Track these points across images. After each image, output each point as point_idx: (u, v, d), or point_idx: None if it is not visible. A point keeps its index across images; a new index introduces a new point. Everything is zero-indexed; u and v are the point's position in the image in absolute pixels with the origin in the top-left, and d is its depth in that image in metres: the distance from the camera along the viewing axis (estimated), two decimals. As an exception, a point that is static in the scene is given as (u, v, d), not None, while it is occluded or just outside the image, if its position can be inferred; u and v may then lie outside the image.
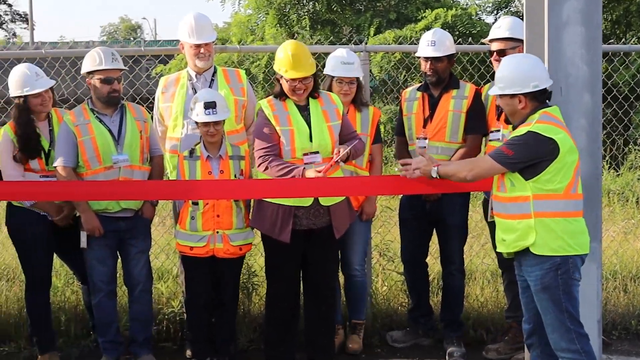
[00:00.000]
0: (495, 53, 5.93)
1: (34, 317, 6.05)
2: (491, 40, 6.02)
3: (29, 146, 5.75)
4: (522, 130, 4.46)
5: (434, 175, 4.79)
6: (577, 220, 4.50)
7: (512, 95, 4.52)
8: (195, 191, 5.60)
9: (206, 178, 5.66)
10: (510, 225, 4.54)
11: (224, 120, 5.66)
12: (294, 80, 5.44)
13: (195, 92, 5.89)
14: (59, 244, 5.95)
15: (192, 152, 5.73)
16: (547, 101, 4.58)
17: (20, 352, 6.32)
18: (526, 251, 4.48)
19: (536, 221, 4.41)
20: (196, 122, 5.66)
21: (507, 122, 4.77)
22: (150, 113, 6.13)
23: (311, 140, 5.45)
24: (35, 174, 5.80)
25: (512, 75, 4.54)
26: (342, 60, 6.06)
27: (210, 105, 5.55)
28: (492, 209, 4.87)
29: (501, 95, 4.59)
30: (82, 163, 5.71)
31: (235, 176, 5.71)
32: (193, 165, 5.69)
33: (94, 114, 5.78)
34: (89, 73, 5.77)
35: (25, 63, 5.97)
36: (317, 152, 5.45)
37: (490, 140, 6.02)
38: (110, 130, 5.76)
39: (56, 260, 6.27)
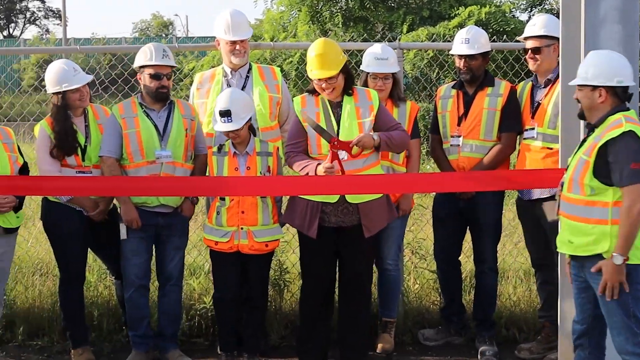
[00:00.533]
0: (530, 51, 5.91)
1: (67, 311, 6.10)
2: (526, 38, 5.98)
3: (66, 142, 5.79)
4: (616, 131, 4.31)
5: (617, 262, 4.30)
6: None
7: (594, 88, 4.42)
8: (223, 188, 5.65)
9: (233, 174, 5.69)
10: (582, 228, 4.45)
11: (245, 125, 5.65)
12: (319, 80, 5.48)
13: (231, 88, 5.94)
14: (94, 238, 6.00)
15: (220, 147, 5.76)
16: (626, 102, 4.49)
17: (53, 346, 6.39)
18: (595, 256, 4.39)
19: (613, 228, 4.32)
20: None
21: (580, 117, 4.64)
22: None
23: (338, 137, 5.44)
24: (72, 170, 5.84)
25: (597, 67, 4.43)
26: (375, 56, 6.06)
27: (225, 114, 5.57)
28: (558, 207, 4.74)
29: (581, 87, 4.47)
30: (126, 156, 5.77)
31: (261, 173, 5.72)
32: (221, 160, 5.73)
33: (142, 108, 5.83)
34: (140, 67, 5.83)
35: (63, 59, 6.03)
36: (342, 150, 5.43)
37: (524, 139, 5.98)
38: (156, 126, 5.80)
39: (89, 256, 6.30)
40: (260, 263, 5.86)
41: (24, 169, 5.92)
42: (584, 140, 4.56)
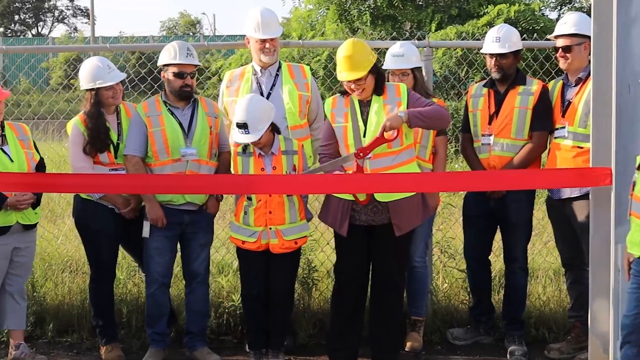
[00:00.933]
0: (560, 49, 5.88)
1: (97, 308, 6.16)
2: (557, 37, 5.96)
3: (98, 139, 5.83)
4: None
5: None
6: None
7: None
8: (252, 186, 5.67)
9: (258, 173, 5.71)
10: None
11: (264, 133, 5.61)
12: (348, 81, 5.48)
13: (260, 86, 5.99)
14: (126, 235, 6.05)
15: (245, 148, 5.76)
16: None
17: (82, 343, 6.44)
18: None
19: None
20: None
21: None
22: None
23: (364, 137, 5.45)
24: (104, 167, 5.89)
25: None
26: (392, 53, 6.11)
27: (242, 126, 5.57)
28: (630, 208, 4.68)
29: None
30: (151, 154, 5.81)
31: (287, 172, 5.73)
32: (246, 161, 5.74)
33: (166, 106, 5.87)
34: (164, 66, 5.87)
35: (97, 56, 6.08)
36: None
37: (555, 138, 5.96)
38: (180, 124, 5.84)
39: (118, 253, 6.37)
40: (286, 261, 5.86)
41: (41, 166, 6.01)
42: None
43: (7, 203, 5.64)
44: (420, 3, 17.59)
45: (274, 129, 5.71)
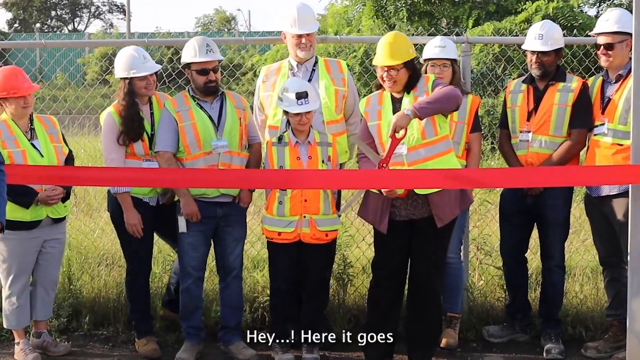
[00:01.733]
0: (602, 47, 5.84)
1: (133, 302, 6.22)
2: (598, 34, 5.92)
3: (132, 128, 5.86)
4: None
5: None
6: None
7: None
8: (290, 180, 5.68)
9: (294, 163, 5.75)
10: None
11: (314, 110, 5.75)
12: (381, 68, 5.49)
13: None
14: (163, 226, 6.10)
15: (280, 138, 5.82)
16: None
17: (118, 336, 6.50)
18: None
19: None
20: (286, 112, 5.76)
21: None
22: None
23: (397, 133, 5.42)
24: (138, 160, 5.93)
25: None
26: (434, 44, 6.14)
27: (302, 95, 5.64)
28: None
29: None
30: (183, 148, 5.85)
31: (323, 161, 5.78)
32: (282, 151, 5.79)
33: (195, 101, 5.91)
34: (187, 64, 5.92)
35: (132, 46, 6.13)
36: (403, 144, 5.39)
37: (594, 135, 5.92)
38: (210, 117, 5.88)
39: (153, 247, 6.42)
40: (319, 253, 5.90)
41: (69, 159, 6.08)
42: None
43: (38, 198, 5.73)
44: (457, 0, 17.52)
45: None
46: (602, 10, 17.32)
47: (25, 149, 5.78)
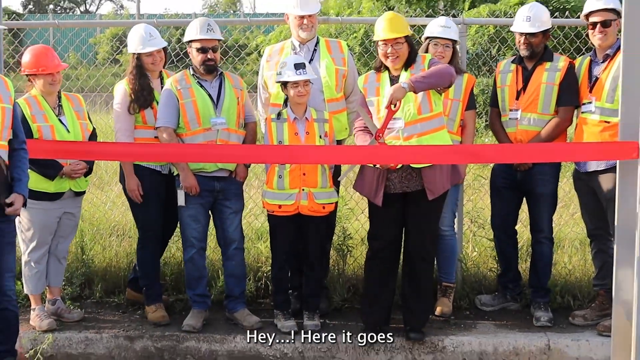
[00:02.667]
0: (599, 25, 5.79)
1: (143, 269, 6.25)
2: (592, 13, 5.88)
3: (141, 96, 5.97)
4: None
5: None
6: None
7: None
8: (288, 155, 5.71)
9: (293, 139, 5.78)
10: None
11: (310, 82, 5.77)
12: (385, 44, 5.49)
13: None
14: (173, 197, 6.11)
15: (279, 114, 5.86)
16: None
17: (128, 304, 6.52)
18: None
19: None
20: (284, 85, 5.77)
21: None
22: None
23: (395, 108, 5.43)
24: (150, 130, 5.99)
25: None
26: (439, 24, 6.13)
27: (300, 66, 5.69)
28: None
29: None
30: (183, 124, 5.87)
31: (320, 137, 5.81)
32: (280, 126, 5.82)
33: (195, 79, 5.94)
34: (188, 42, 5.95)
35: (143, 24, 6.21)
36: (400, 118, 5.44)
37: (582, 112, 5.93)
38: (210, 95, 5.91)
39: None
40: (318, 225, 5.93)
41: (93, 136, 6.12)
42: None
43: (63, 171, 5.78)
44: (454, -18, 17.44)
45: None
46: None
47: (53, 124, 5.84)
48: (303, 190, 5.78)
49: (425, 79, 5.32)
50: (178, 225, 6.22)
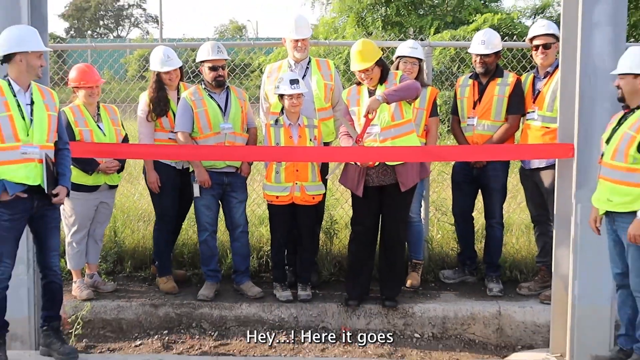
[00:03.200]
0: (541, 47, 5.82)
1: (158, 246, 6.25)
2: (535, 37, 5.89)
3: (159, 106, 5.97)
4: None
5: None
6: None
7: (636, 76, 4.28)
8: (284, 155, 5.71)
9: (288, 141, 5.77)
10: (623, 190, 4.31)
11: (303, 95, 5.75)
12: (359, 71, 5.51)
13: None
14: (186, 188, 6.11)
15: (276, 121, 5.85)
16: None
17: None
18: (629, 213, 4.26)
19: None
20: (281, 96, 5.75)
21: (620, 100, 4.43)
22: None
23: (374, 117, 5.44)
24: (166, 133, 6.01)
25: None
26: (408, 45, 6.12)
27: (294, 82, 5.70)
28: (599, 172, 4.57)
29: (624, 76, 4.32)
30: (197, 129, 5.87)
31: (310, 140, 5.80)
32: (277, 131, 5.81)
33: (207, 92, 5.92)
34: (201, 62, 5.93)
35: (162, 47, 6.20)
36: (376, 124, 5.43)
37: (527, 119, 5.93)
38: (219, 105, 5.89)
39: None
40: (309, 213, 5.92)
41: (125, 140, 6.12)
42: (623, 119, 4.41)
43: (99, 168, 5.81)
44: (421, 12, 17.46)
45: None
46: (536, 20, 17.30)
47: (92, 129, 5.84)
48: (296, 183, 5.77)
49: (396, 92, 5.33)
50: (192, 211, 6.20)
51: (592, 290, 4.82)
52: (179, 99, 6.01)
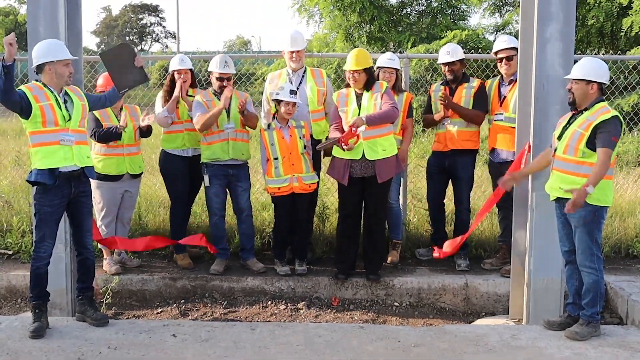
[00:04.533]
0: (505, 59, 5.83)
1: (173, 228, 6.25)
2: (499, 51, 5.91)
3: (171, 94, 5.99)
4: (606, 116, 4.20)
5: (589, 191, 4.14)
6: (611, 182, 4.33)
7: (589, 82, 4.27)
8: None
9: (281, 141, 5.78)
10: (572, 179, 4.29)
11: (297, 104, 5.78)
12: (349, 72, 5.53)
13: (291, 83, 5.96)
14: (196, 176, 6.13)
15: (269, 125, 5.86)
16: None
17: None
18: None
19: None
20: (278, 102, 5.75)
21: (571, 104, 4.40)
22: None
23: (359, 115, 5.46)
24: (181, 124, 6.04)
25: (594, 68, 4.28)
26: (386, 57, 6.11)
27: (293, 92, 5.71)
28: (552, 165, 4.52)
29: (579, 80, 4.30)
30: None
31: (300, 137, 5.80)
32: (271, 134, 5.82)
33: (215, 96, 5.91)
34: (210, 72, 5.94)
35: (180, 54, 6.24)
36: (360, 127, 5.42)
37: (495, 121, 5.92)
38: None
39: (201, 194, 6.38)
40: (305, 200, 5.92)
41: (148, 131, 6.03)
42: (572, 119, 4.38)
43: (120, 126, 5.69)
44: (400, 29, 17.41)
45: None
46: (498, 36, 17.34)
47: (114, 124, 5.82)
48: (293, 175, 5.76)
49: (377, 118, 5.39)
50: (204, 198, 6.18)
51: (544, 266, 4.83)
52: (188, 95, 6.08)
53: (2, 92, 4.16)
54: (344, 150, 5.45)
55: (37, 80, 4.51)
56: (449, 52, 6.01)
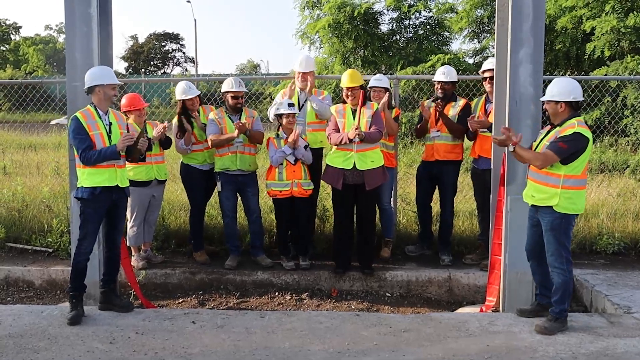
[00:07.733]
0: (489, 79, 5.81)
1: (193, 229, 6.24)
2: (485, 71, 5.91)
3: (182, 124, 5.99)
4: (569, 131, 4.16)
5: (510, 149, 4.29)
6: (582, 192, 4.26)
7: (557, 102, 4.26)
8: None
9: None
10: (542, 189, 4.27)
11: (297, 116, 5.83)
12: (346, 89, 5.57)
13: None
14: (210, 187, 6.17)
15: (277, 135, 5.89)
16: (578, 110, 4.33)
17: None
18: (547, 207, 4.24)
19: (562, 191, 4.17)
20: (279, 116, 5.79)
21: (548, 119, 4.38)
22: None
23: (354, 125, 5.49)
24: (200, 144, 6.05)
25: (562, 88, 4.25)
26: (376, 78, 6.13)
27: (291, 105, 5.76)
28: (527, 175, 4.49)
29: (549, 101, 4.29)
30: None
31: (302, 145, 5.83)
32: (279, 141, 5.84)
33: (227, 114, 5.93)
34: (224, 92, 5.94)
35: (184, 81, 6.24)
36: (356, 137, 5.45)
37: (481, 132, 5.88)
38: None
39: (215, 198, 6.38)
40: (305, 203, 5.94)
41: (168, 140, 6.05)
42: (548, 133, 4.35)
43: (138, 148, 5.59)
44: (390, 53, 17.45)
45: None
46: (477, 60, 17.39)
47: None
48: (294, 181, 5.77)
49: (371, 139, 5.46)
50: (218, 201, 6.18)
51: (518, 260, 4.82)
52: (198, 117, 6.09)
53: (93, 162, 4.38)
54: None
55: (91, 104, 4.54)
56: (444, 72, 6.04)
